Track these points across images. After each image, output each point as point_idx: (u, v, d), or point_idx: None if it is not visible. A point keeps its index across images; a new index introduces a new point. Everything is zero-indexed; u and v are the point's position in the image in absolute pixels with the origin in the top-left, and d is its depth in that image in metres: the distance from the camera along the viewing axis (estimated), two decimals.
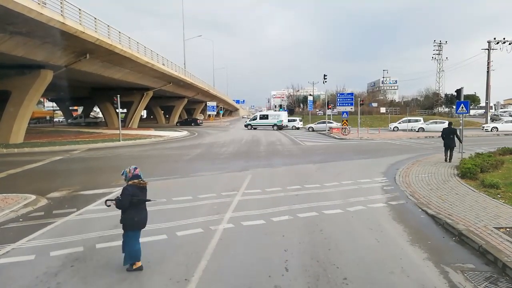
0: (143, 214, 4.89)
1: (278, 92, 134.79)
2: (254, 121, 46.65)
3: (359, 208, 7.76)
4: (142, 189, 4.84)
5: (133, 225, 4.77)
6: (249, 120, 50.56)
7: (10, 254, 5.43)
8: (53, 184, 10.75)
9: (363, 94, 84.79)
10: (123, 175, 4.84)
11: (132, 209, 4.72)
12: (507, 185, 9.01)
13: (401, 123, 38.84)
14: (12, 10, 14.76)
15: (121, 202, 4.65)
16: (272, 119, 45.34)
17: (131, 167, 4.88)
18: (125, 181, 4.82)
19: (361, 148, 20.96)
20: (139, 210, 4.80)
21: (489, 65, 41.74)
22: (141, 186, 4.82)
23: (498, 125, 34.14)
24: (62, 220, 7.12)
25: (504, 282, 4.43)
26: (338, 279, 4.53)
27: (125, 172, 4.82)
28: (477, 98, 67.10)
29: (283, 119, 44.95)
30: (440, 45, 63.92)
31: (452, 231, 6.18)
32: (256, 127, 45.25)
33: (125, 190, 4.70)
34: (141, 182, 4.82)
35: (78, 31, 19.72)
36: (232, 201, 8.42)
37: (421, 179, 10.56)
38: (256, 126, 45.43)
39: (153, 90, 44.30)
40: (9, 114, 23.79)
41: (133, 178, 4.79)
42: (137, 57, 29.12)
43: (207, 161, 15.99)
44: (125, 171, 4.84)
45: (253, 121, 46.83)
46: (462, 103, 14.41)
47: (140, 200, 4.76)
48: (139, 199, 4.74)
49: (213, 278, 4.62)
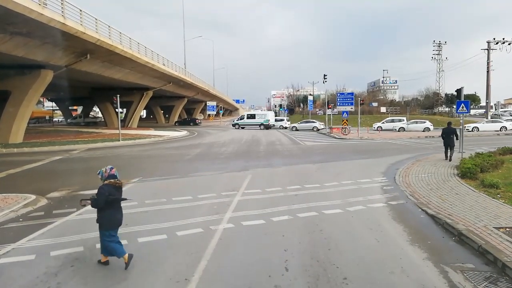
0: (119, 214, 4.98)
1: (278, 91, 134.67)
2: (241, 121, 47.42)
3: (359, 208, 7.76)
4: (118, 189, 4.94)
5: (109, 224, 4.85)
6: (236, 119, 51.10)
7: (10, 254, 5.43)
8: (53, 184, 10.75)
9: (363, 94, 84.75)
10: (99, 175, 4.93)
11: (108, 208, 4.80)
12: (507, 185, 9.01)
13: (384, 123, 38.97)
14: (13, 11, 14.76)
15: (97, 201, 4.73)
16: (259, 118, 46.13)
17: (107, 167, 4.97)
18: (101, 181, 4.90)
19: (361, 148, 20.96)
20: (114, 209, 4.89)
21: (489, 65, 41.76)
22: (117, 185, 4.91)
23: (479, 125, 34.63)
24: (62, 220, 7.12)
25: (504, 282, 4.43)
26: (338, 279, 4.53)
27: (101, 171, 4.92)
28: (477, 98, 67.08)
29: (269, 118, 45.74)
30: (440, 45, 63.94)
31: (452, 231, 6.18)
32: (243, 126, 45.97)
33: (101, 189, 4.78)
34: (117, 182, 4.92)
35: (78, 31, 19.72)
36: (232, 201, 8.42)
37: (421, 179, 10.56)
38: (244, 125, 46.17)
39: (153, 90, 44.32)
40: (8, 114, 23.79)
41: (109, 178, 4.88)
42: (137, 57, 29.13)
43: (207, 161, 16.00)
44: (101, 171, 4.93)
45: (240, 121, 47.60)
46: (462, 103, 14.42)
47: (115, 199, 4.85)
48: (114, 198, 4.82)
49: (213, 278, 4.62)
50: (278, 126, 46.41)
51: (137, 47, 29.42)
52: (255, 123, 45.44)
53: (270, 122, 44.91)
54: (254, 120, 46.12)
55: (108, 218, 4.82)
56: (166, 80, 42.36)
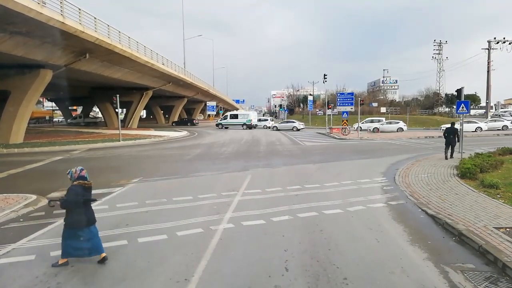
0: (88, 214, 5.03)
1: (278, 91, 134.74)
2: (224, 121, 48.25)
3: (359, 208, 7.77)
4: (87, 189, 5.02)
5: (77, 224, 4.90)
6: (220, 119, 51.73)
7: (11, 254, 5.43)
8: (53, 184, 10.75)
9: (363, 94, 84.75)
10: (69, 175, 5.00)
11: (77, 208, 4.86)
12: (506, 185, 9.02)
13: (364, 123, 39.07)
14: (12, 10, 14.76)
15: (66, 201, 4.81)
16: (241, 118, 46.96)
17: (78, 168, 5.05)
18: (70, 181, 4.97)
19: (361, 148, 20.97)
20: (84, 209, 4.95)
21: (489, 65, 41.77)
22: (86, 186, 4.99)
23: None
24: (62, 220, 7.10)
25: (504, 282, 4.43)
26: (338, 279, 4.53)
27: (71, 172, 5.00)
28: (477, 98, 67.05)
29: (252, 118, 46.73)
30: (440, 45, 63.97)
31: (452, 231, 6.19)
32: (227, 126, 46.76)
33: (71, 190, 4.86)
34: (86, 183, 4.99)
35: (77, 30, 19.72)
36: (232, 201, 8.42)
37: (420, 179, 10.57)
38: (227, 125, 46.95)
39: (153, 89, 44.29)
40: (8, 114, 23.79)
41: (79, 179, 4.95)
42: (136, 57, 29.11)
43: (207, 161, 16.00)
44: (71, 171, 5.01)
45: (223, 121, 48.42)
46: (462, 103, 14.43)
47: (85, 200, 4.92)
48: (84, 199, 4.89)
49: (213, 278, 4.62)
50: (262, 126, 47.98)
51: (136, 47, 29.40)
52: (238, 123, 46.47)
53: (252, 122, 46.11)
54: (237, 120, 47.04)
55: (77, 218, 4.89)
56: (165, 79, 42.35)
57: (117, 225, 6.73)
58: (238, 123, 46.39)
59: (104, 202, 8.39)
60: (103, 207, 7.96)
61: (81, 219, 4.90)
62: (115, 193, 9.32)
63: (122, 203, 8.22)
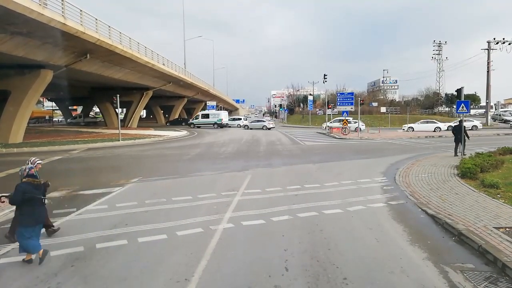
0: (38, 212, 5.09)
1: (278, 91, 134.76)
2: (196, 120, 49.11)
3: (359, 208, 7.77)
4: (37, 187, 5.11)
5: (27, 221, 4.96)
6: (192, 119, 52.45)
7: (10, 254, 5.43)
8: (52, 184, 10.66)
9: (363, 93, 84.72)
10: (20, 172, 5.14)
11: (26, 206, 4.95)
12: (507, 185, 9.01)
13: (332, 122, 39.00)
14: (13, 11, 14.75)
15: (13, 198, 4.91)
16: (212, 118, 47.78)
17: (27, 166, 5.16)
18: (20, 179, 5.08)
19: (361, 148, 20.97)
20: (33, 207, 5.02)
21: (489, 65, 41.77)
22: (35, 184, 5.09)
23: (414, 126, 35.10)
24: (62, 220, 7.12)
25: (503, 282, 4.43)
26: (338, 279, 4.53)
27: (21, 169, 5.13)
28: (477, 98, 67.03)
29: (222, 118, 47.81)
30: (440, 45, 63.89)
31: (452, 231, 6.18)
32: (199, 125, 47.51)
33: (18, 187, 4.95)
34: (35, 181, 5.10)
35: (79, 31, 19.71)
36: (232, 201, 8.42)
37: (421, 179, 10.56)
38: (199, 124, 47.66)
39: (153, 89, 44.30)
40: (8, 113, 23.77)
41: (28, 177, 5.06)
42: (137, 57, 29.12)
43: (206, 160, 15.99)
44: (21, 169, 5.13)
45: (195, 120, 49.29)
46: (462, 103, 14.47)
47: (33, 197, 4.98)
48: (32, 196, 4.95)
49: (213, 278, 4.62)
50: (236, 125, 49.38)
51: (137, 47, 29.40)
52: (209, 122, 47.36)
53: (223, 121, 47.28)
54: (208, 119, 47.79)
55: (27, 215, 4.97)
56: (166, 80, 42.35)
57: (117, 225, 6.73)
58: (209, 122, 47.31)
59: (103, 202, 8.40)
60: (103, 207, 7.97)
61: (32, 216, 5.00)
62: (114, 193, 9.32)
63: (121, 203, 8.22)
